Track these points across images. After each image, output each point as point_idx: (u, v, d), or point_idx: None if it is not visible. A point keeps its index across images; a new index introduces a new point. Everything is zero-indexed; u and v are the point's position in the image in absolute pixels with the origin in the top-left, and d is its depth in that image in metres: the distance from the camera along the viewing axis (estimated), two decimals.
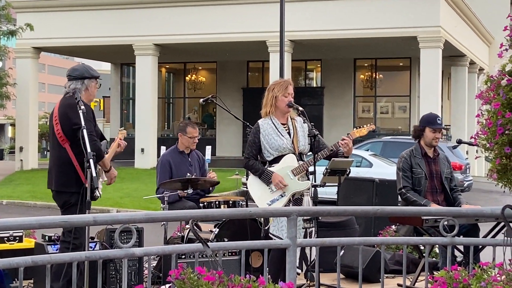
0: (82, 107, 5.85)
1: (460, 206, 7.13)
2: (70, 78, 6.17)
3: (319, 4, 24.71)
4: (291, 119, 6.41)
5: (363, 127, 6.59)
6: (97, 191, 5.70)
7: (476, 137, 4.94)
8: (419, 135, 7.37)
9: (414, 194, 7.11)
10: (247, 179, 6.55)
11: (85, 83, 6.11)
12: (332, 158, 6.38)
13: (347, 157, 6.47)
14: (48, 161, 6.41)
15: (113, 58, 32.99)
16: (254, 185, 6.36)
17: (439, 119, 7.33)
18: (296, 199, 6.31)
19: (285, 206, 6.20)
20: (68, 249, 5.80)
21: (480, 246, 6.57)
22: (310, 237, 6.30)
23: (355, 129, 6.63)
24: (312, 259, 6.85)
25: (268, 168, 6.27)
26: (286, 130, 6.34)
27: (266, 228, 6.34)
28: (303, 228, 6.24)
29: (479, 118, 4.98)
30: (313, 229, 6.25)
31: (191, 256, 6.46)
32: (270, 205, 6.21)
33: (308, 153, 6.47)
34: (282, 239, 6.03)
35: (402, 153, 7.39)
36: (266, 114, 6.40)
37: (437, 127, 7.24)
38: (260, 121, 6.38)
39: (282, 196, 6.23)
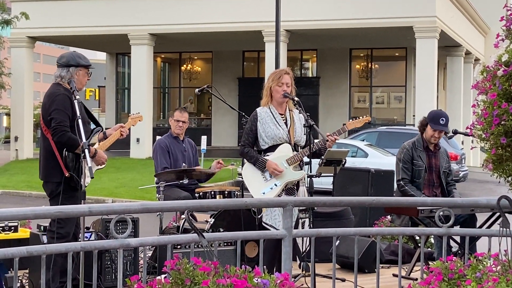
0: (78, 97, 5.81)
1: None
2: (57, 65, 6.12)
3: None
4: (289, 110, 6.41)
5: (358, 118, 6.60)
6: (87, 179, 5.65)
7: (472, 128, 4.92)
8: (422, 128, 7.33)
9: (411, 187, 7.10)
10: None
11: (70, 71, 6.01)
12: (328, 149, 6.37)
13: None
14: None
15: (108, 48, 32.90)
16: (248, 174, 6.37)
17: (443, 119, 7.24)
18: (289, 189, 6.31)
19: (278, 195, 6.20)
20: (54, 239, 5.78)
21: (476, 236, 6.57)
22: (303, 227, 6.30)
23: (350, 120, 6.63)
24: (304, 249, 6.86)
25: (263, 156, 6.27)
26: (283, 120, 6.34)
27: (259, 217, 6.34)
28: (299, 218, 6.25)
29: (475, 109, 4.96)
30: (307, 219, 6.25)
31: (187, 247, 6.45)
32: (264, 194, 6.21)
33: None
34: (275, 228, 6.04)
35: (404, 144, 7.36)
36: (264, 104, 6.41)
37: (436, 128, 7.20)
38: (258, 109, 6.38)
39: (276, 186, 6.23)
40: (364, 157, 18.37)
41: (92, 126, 6.27)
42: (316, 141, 6.40)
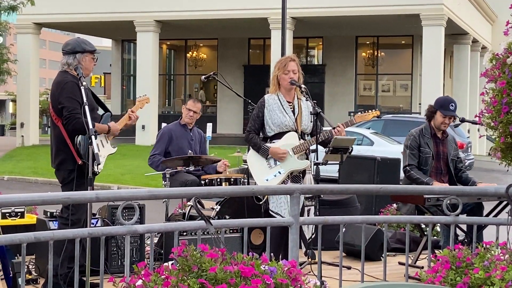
0: (84, 83, 5.79)
1: (475, 185, 7.08)
2: (63, 53, 6.11)
3: None
4: (297, 98, 6.39)
5: (368, 112, 6.57)
6: (96, 167, 5.65)
7: (481, 116, 4.91)
8: (430, 116, 7.28)
9: (418, 172, 7.08)
10: None
11: (77, 57, 5.99)
12: (334, 136, 6.36)
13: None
14: (49, 138, 6.38)
15: (114, 34, 32.86)
16: (253, 161, 6.38)
17: (452, 105, 7.20)
18: (294, 177, 6.30)
19: (282, 183, 6.20)
20: (65, 225, 5.79)
21: (483, 225, 6.56)
22: (308, 214, 6.30)
23: (359, 113, 6.61)
24: (309, 237, 6.87)
25: (266, 144, 6.26)
26: (291, 108, 6.32)
27: (262, 203, 6.33)
28: (305, 206, 6.25)
29: (483, 97, 4.94)
30: (312, 207, 6.25)
31: (193, 233, 6.46)
32: (267, 180, 6.22)
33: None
34: (281, 215, 6.04)
35: (411, 131, 7.34)
36: (272, 92, 6.40)
37: (448, 114, 7.15)
38: (266, 96, 6.38)
39: (280, 173, 6.23)
40: (369, 145, 18.35)
41: (101, 112, 6.26)
42: (325, 129, 6.38)
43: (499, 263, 4.00)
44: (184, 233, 6.55)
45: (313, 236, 6.46)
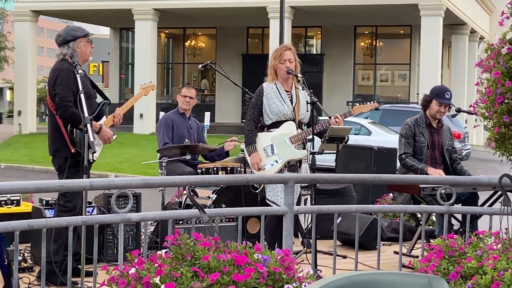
0: (80, 71, 5.78)
1: None
2: (57, 45, 6.09)
3: None
4: (295, 87, 6.40)
5: (366, 104, 6.59)
6: (91, 155, 5.63)
7: (475, 106, 4.90)
8: (426, 105, 7.29)
9: (413, 159, 7.09)
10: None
11: (70, 46, 5.97)
12: (331, 126, 6.36)
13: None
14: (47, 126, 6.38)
15: (112, 23, 32.79)
16: None
17: (448, 93, 7.21)
18: (291, 166, 6.32)
19: (278, 172, 6.22)
20: (61, 212, 5.80)
21: (477, 214, 6.57)
22: (305, 203, 6.30)
23: (357, 104, 6.62)
24: (306, 226, 6.88)
25: (256, 146, 6.25)
26: (289, 97, 6.32)
27: (258, 191, 6.34)
28: (301, 195, 6.26)
29: (478, 87, 4.94)
30: (309, 196, 6.26)
31: (188, 222, 6.47)
32: (264, 168, 6.23)
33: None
34: (277, 204, 6.05)
35: (407, 120, 7.35)
36: (270, 81, 6.40)
37: (443, 102, 7.15)
38: (264, 84, 6.37)
39: (277, 162, 6.25)
40: (367, 135, 18.37)
41: (99, 100, 6.25)
42: (321, 119, 6.38)
43: (491, 253, 4.01)
44: (180, 222, 6.56)
45: (309, 226, 6.48)
